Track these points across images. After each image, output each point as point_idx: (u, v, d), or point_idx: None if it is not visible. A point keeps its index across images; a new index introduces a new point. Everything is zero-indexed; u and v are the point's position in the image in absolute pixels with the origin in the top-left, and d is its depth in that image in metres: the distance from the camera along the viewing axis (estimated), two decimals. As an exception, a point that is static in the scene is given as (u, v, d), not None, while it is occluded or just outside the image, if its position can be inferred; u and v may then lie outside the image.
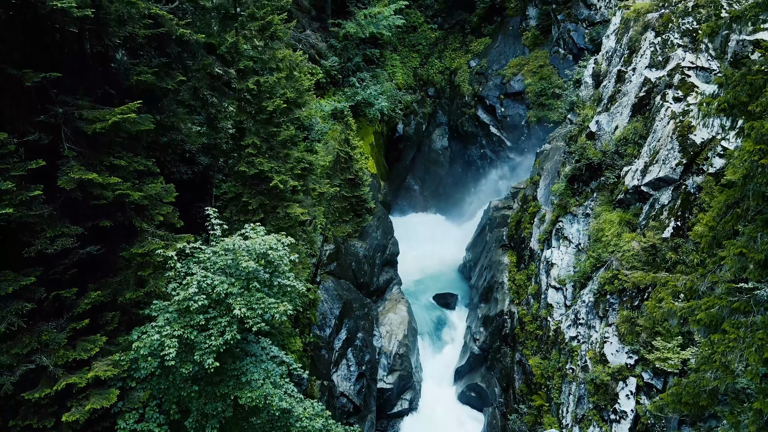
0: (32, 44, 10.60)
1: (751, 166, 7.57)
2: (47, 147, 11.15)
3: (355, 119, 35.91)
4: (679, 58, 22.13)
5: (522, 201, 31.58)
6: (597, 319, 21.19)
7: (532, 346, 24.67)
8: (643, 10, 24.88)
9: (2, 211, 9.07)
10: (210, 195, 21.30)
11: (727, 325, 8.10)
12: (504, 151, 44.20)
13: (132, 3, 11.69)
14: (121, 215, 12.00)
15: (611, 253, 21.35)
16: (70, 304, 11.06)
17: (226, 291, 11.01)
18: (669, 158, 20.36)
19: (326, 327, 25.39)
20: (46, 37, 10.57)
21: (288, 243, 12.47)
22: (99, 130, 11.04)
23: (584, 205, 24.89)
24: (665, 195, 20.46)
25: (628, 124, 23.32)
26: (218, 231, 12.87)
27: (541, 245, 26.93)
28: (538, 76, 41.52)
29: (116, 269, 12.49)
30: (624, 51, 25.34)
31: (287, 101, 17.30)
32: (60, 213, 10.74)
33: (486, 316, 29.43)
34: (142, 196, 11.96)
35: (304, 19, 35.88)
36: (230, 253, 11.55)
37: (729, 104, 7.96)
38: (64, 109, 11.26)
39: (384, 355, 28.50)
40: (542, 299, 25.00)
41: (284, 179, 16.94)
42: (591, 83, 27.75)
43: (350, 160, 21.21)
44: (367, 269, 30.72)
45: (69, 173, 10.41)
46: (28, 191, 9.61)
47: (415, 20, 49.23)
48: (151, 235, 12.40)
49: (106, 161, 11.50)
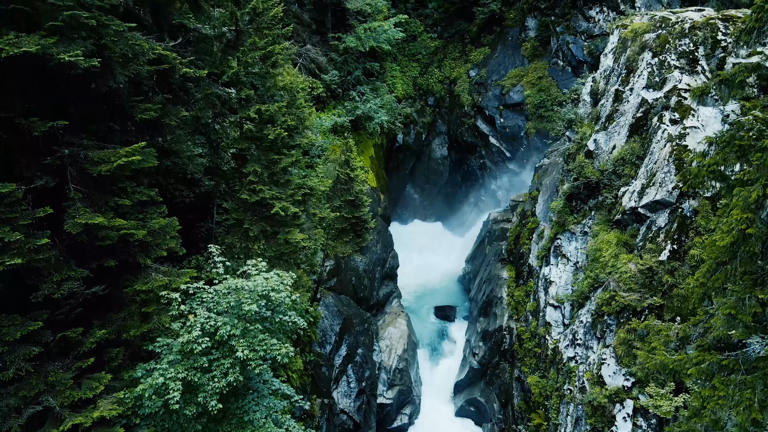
0: (39, 91, 10.82)
1: (739, 235, 7.81)
2: (53, 188, 11.36)
3: (355, 132, 36.21)
4: (676, 79, 22.35)
5: (521, 216, 31.80)
6: (595, 339, 21.40)
7: (530, 364, 24.88)
8: (640, 30, 25.08)
9: (11, 261, 9.28)
10: (211, 216, 21.58)
11: (717, 382, 8.32)
12: (503, 161, 44.43)
13: (137, 45, 11.91)
14: (126, 253, 12.21)
15: (608, 274, 21.57)
16: (76, 342, 11.28)
17: (229, 333, 11.25)
18: (665, 181, 20.57)
19: (327, 344, 25.60)
20: (52, 84, 10.79)
21: (289, 281, 12.70)
22: (104, 173, 11.26)
23: (582, 223, 25.12)
24: (662, 217, 20.68)
25: (625, 144, 23.53)
26: (221, 269, 13.08)
27: (540, 262, 27.15)
28: (537, 87, 41.74)
29: (120, 304, 12.70)
30: (621, 70, 25.55)
31: (288, 128, 17.53)
32: (66, 255, 10.96)
33: (485, 330, 29.65)
34: (146, 233, 12.17)
35: (304, 33, 36.13)
36: (233, 294, 11.78)
37: (719, 166, 8.21)
38: (70, 150, 11.48)
39: (384, 369, 28.72)
40: (541, 317, 25.22)
41: (285, 206, 17.15)
42: (589, 101, 27.95)
43: (350, 181, 21.42)
44: (367, 283, 30.95)
45: (75, 218, 10.62)
46: (36, 240, 9.82)
47: (414, 29, 49.44)
48: (154, 271, 12.63)
49: (111, 202, 11.72)
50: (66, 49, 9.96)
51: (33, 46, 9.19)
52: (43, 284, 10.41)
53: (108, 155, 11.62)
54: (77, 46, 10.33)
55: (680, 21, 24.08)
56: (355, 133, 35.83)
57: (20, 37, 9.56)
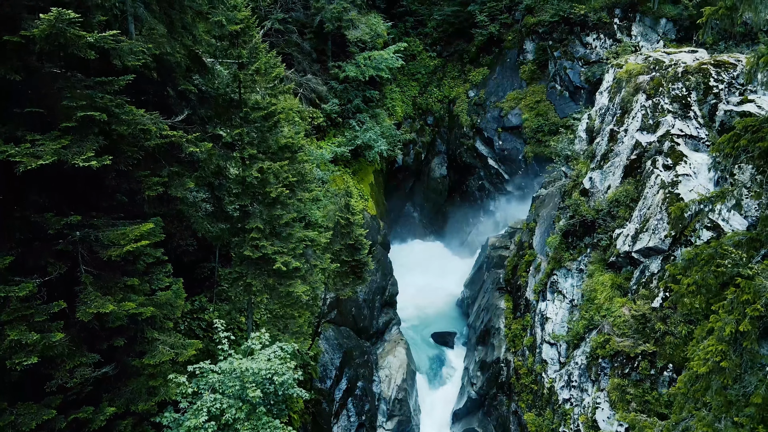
0: (54, 189, 11.30)
1: (714, 365, 8.30)
2: (65, 272, 11.85)
3: (355, 159, 36.68)
4: (669, 124, 22.82)
5: (518, 246, 32.30)
6: (589, 382, 21.88)
7: (527, 399, 25.37)
8: (634, 71, 25.56)
9: (28, 361, 9.77)
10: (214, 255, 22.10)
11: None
12: (502, 183, 44.94)
13: (146, 131, 12.41)
14: (134, 328, 12.70)
15: (603, 317, 22.05)
16: (86, 421, 11.76)
17: (234, 417, 11.75)
18: (658, 228, 21.04)
19: (327, 378, 26.09)
20: (67, 182, 11.29)
21: (291, 350, 13.19)
22: (115, 258, 11.75)
23: (578, 260, 25.58)
24: (655, 263, 21.15)
25: (620, 185, 24.01)
26: (225, 344, 13.58)
27: (537, 296, 27.62)
28: (535, 111, 42.23)
29: (128, 374, 13.19)
30: (616, 110, 26.02)
31: (290, 185, 18.02)
32: (77, 339, 11.44)
33: (483, 360, 30.14)
34: (153, 310, 12.65)
35: (305, 61, 36.60)
36: (238, 381, 12.28)
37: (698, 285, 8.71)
38: (81, 233, 11.96)
39: (383, 400, 29.21)
40: (537, 353, 25.71)
41: (287, 261, 17.63)
42: (585, 138, 28.45)
43: (351, 225, 21.89)
44: (367, 313, 31.44)
45: (86, 306, 11.10)
46: (51, 336, 10.29)
47: (414, 48, 49.93)
48: (161, 344, 13.11)
49: (120, 283, 12.21)
50: (79, 150, 10.44)
51: (49, 157, 9.67)
52: (56, 373, 10.88)
53: (118, 237, 12.10)
54: (89, 143, 10.81)
55: (673, 64, 24.55)
56: (354, 160, 36.32)
57: (36, 144, 10.04)
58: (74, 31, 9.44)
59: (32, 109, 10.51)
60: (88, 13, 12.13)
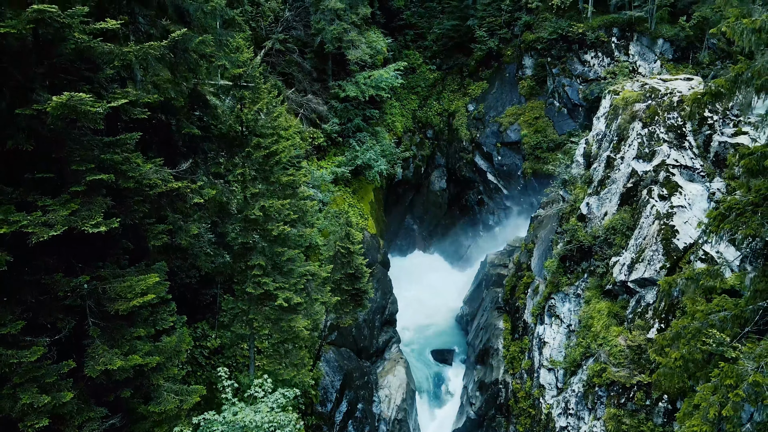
0: (61, 250, 11.63)
1: None
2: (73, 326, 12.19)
3: (355, 179, 37.01)
4: (665, 154, 23.14)
5: (517, 266, 32.63)
6: (586, 410, 22.23)
7: (525, 423, 25.72)
8: (631, 99, 25.88)
9: (40, 423, 10.11)
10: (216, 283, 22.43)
11: None
12: (501, 198, 45.26)
13: (153, 185, 12.74)
14: (140, 379, 13.04)
15: (599, 345, 22.38)
16: (95, 471, 12.10)
17: (238, 470, 12.14)
18: (653, 260, 21.38)
19: (327, 401, 26.42)
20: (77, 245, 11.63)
21: (293, 395, 13.55)
22: (122, 313, 12.08)
23: (575, 284, 25.92)
24: (650, 294, 21.49)
25: (616, 212, 24.34)
26: (229, 393, 13.93)
27: (535, 319, 27.97)
28: (533, 128, 42.50)
29: (134, 420, 13.54)
30: (613, 137, 26.35)
31: (291, 222, 18.36)
32: (85, 394, 11.78)
33: (482, 381, 30.48)
34: (159, 359, 12.99)
35: (305, 80, 36.93)
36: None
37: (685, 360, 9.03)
38: (89, 287, 12.30)
39: (383, 421, 29.54)
40: (535, 377, 26.05)
41: (289, 297, 17.97)
42: (582, 162, 28.78)
43: (351, 254, 22.22)
44: (367, 333, 31.77)
45: (94, 362, 11.44)
46: (62, 397, 10.63)
47: (414, 61, 50.22)
48: (166, 391, 13.45)
49: (127, 335, 12.55)
50: (88, 215, 10.77)
51: (60, 227, 10.00)
52: (65, 429, 11.21)
53: (125, 290, 12.44)
54: (98, 206, 11.14)
55: (669, 93, 24.90)
56: (354, 179, 36.64)
57: (47, 212, 10.37)
58: (85, 108, 9.75)
59: (43, 174, 10.84)
60: (98, 69, 12.50)
